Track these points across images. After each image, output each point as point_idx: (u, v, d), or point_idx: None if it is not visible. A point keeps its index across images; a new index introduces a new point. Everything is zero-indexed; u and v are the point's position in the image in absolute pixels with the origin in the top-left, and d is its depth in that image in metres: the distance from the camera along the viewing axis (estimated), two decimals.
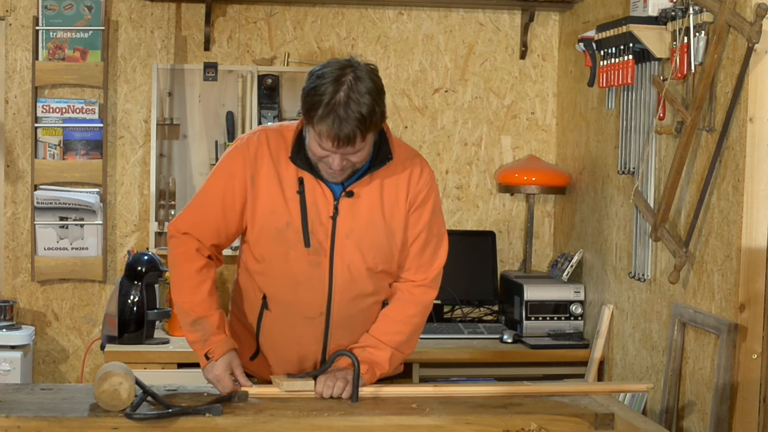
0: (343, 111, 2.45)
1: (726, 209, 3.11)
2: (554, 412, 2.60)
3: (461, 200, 4.68)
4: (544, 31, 4.68)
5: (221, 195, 2.66)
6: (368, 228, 2.67)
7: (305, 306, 2.71)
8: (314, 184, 2.64)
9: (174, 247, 2.71)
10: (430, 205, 2.74)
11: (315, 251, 2.65)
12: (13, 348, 4.19)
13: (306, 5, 4.54)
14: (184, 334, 2.73)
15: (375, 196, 2.67)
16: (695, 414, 3.27)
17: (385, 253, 2.70)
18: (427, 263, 2.77)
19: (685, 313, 3.32)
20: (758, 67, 2.99)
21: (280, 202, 2.64)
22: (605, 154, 4.08)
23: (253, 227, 2.67)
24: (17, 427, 2.39)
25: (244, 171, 2.64)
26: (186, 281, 2.69)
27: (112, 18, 4.47)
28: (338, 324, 2.73)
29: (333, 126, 2.45)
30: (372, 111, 2.48)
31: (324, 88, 2.47)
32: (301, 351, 2.77)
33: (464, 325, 4.37)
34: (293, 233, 2.64)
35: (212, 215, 2.67)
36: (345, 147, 2.49)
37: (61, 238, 4.42)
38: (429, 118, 4.66)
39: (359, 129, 2.47)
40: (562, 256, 4.45)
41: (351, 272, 2.68)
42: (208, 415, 2.47)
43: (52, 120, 4.41)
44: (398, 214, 2.70)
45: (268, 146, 2.65)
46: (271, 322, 2.76)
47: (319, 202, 2.64)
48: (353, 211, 2.66)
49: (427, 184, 2.74)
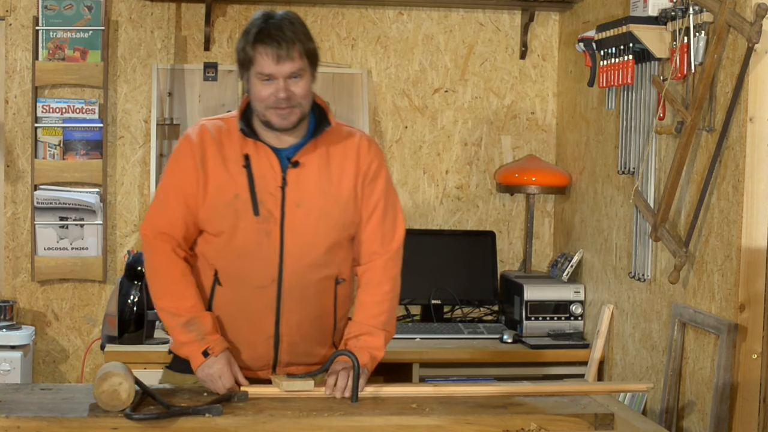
0: (277, 26, 2.64)
1: (726, 209, 3.11)
2: (554, 412, 2.60)
3: (461, 200, 4.68)
4: (544, 31, 4.68)
5: (180, 187, 2.74)
6: (318, 197, 2.74)
7: (256, 275, 2.74)
8: (261, 158, 2.73)
9: (152, 253, 2.77)
10: (383, 175, 2.83)
11: (265, 220, 2.71)
12: (13, 348, 4.19)
13: (306, 5, 4.54)
14: (173, 335, 2.75)
15: (322, 165, 2.75)
16: (695, 414, 3.27)
17: (336, 221, 2.76)
18: (390, 232, 2.84)
19: (685, 313, 3.32)
20: (758, 67, 2.99)
21: (226, 177, 2.72)
22: (605, 154, 4.08)
23: (204, 206, 2.74)
24: (17, 427, 2.40)
25: (193, 159, 2.73)
26: (171, 285, 2.75)
27: (112, 18, 4.47)
28: (290, 293, 2.75)
29: (272, 38, 2.62)
30: (306, 34, 2.68)
31: (254, 21, 2.68)
32: (254, 323, 2.78)
33: (464, 325, 4.37)
34: (242, 203, 2.71)
35: (178, 209, 2.75)
36: (285, 62, 2.61)
37: (61, 238, 4.42)
38: (429, 118, 4.66)
39: (296, 44, 2.63)
40: (562, 256, 4.45)
41: (302, 240, 2.73)
42: (208, 415, 2.47)
43: (52, 120, 4.41)
44: (347, 183, 2.77)
45: (210, 132, 2.76)
46: (223, 297, 2.78)
47: (266, 174, 2.72)
48: (302, 181, 2.73)
49: (378, 154, 2.84)
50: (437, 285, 4.44)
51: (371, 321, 2.80)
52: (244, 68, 2.69)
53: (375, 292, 2.82)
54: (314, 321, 2.82)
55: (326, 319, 2.85)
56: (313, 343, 2.84)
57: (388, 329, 2.83)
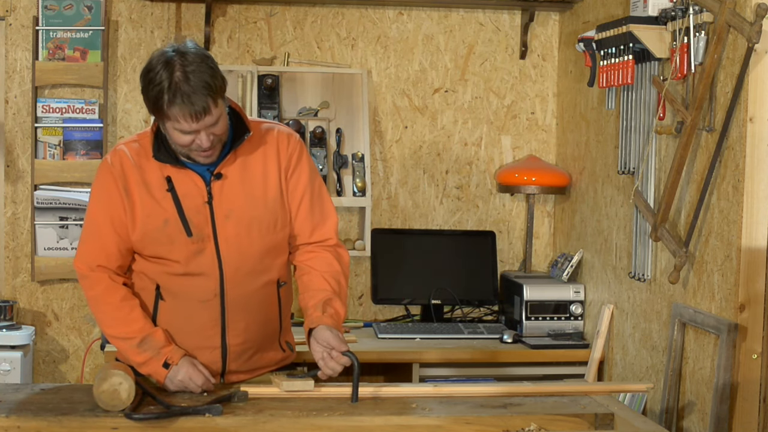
0: (187, 86, 2.52)
1: (726, 209, 3.11)
2: (554, 412, 2.60)
3: (461, 200, 4.68)
4: (544, 31, 4.68)
5: (108, 217, 2.73)
6: (246, 204, 2.73)
7: (198, 291, 2.74)
8: (182, 177, 2.71)
9: (90, 287, 2.76)
10: (304, 164, 2.81)
11: (198, 238, 2.71)
12: (13, 348, 4.20)
13: (306, 5, 4.54)
14: (129, 357, 2.73)
15: (245, 171, 2.74)
16: (695, 414, 3.27)
17: (268, 224, 2.76)
18: (320, 221, 2.83)
19: (685, 313, 3.32)
20: (758, 67, 2.99)
21: (153, 203, 2.70)
22: (605, 154, 4.08)
23: (135, 233, 2.72)
24: (17, 427, 2.40)
25: (117, 186, 2.71)
26: (116, 312, 2.74)
27: (112, 18, 4.47)
28: (233, 303, 2.76)
29: (184, 103, 2.52)
30: (212, 75, 2.56)
31: (158, 77, 2.55)
32: (200, 335, 2.79)
33: (464, 325, 4.37)
34: (173, 227, 2.70)
35: (109, 239, 2.73)
36: (203, 118, 2.55)
37: (61, 238, 4.42)
38: (429, 118, 4.66)
39: (209, 96, 2.54)
40: (562, 256, 4.45)
41: (238, 251, 2.73)
42: (208, 415, 2.47)
43: (52, 120, 4.41)
44: (272, 182, 2.76)
45: (129, 157, 2.73)
46: (167, 311, 2.78)
47: (191, 192, 2.71)
48: (226, 192, 2.72)
49: (297, 146, 2.81)
50: (437, 285, 4.44)
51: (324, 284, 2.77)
52: (156, 117, 2.63)
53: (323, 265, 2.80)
54: (260, 327, 2.84)
55: (272, 323, 2.88)
56: (260, 349, 2.86)
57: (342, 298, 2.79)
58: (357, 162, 4.42)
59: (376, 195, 4.61)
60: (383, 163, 4.62)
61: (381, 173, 4.62)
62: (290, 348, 2.99)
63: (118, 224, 2.72)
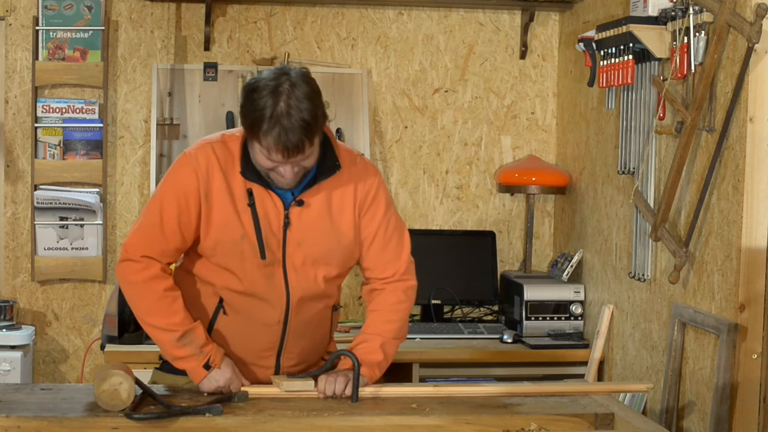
0: (287, 121, 2.43)
1: (726, 209, 3.11)
2: (554, 412, 2.60)
3: (461, 200, 4.68)
4: (544, 31, 4.68)
5: (176, 214, 2.64)
6: (318, 236, 2.67)
7: (263, 315, 2.71)
8: (264, 195, 2.63)
9: (136, 272, 2.67)
10: (381, 202, 2.76)
11: (270, 262, 2.65)
12: (13, 348, 4.20)
13: (306, 5, 4.54)
14: (167, 350, 2.68)
15: (323, 202, 2.67)
16: (695, 414, 3.27)
17: (337, 258, 2.72)
18: (394, 258, 2.80)
19: (685, 313, 3.32)
20: (758, 67, 2.99)
21: (233, 215, 2.63)
22: (605, 154, 4.08)
23: (208, 240, 2.65)
24: (17, 427, 2.39)
25: (198, 187, 2.62)
26: (160, 301, 2.66)
27: (112, 18, 4.47)
28: (294, 330, 2.74)
29: (280, 138, 2.44)
30: (314, 115, 2.47)
31: (263, 101, 2.45)
32: (256, 356, 2.78)
33: (464, 325, 4.37)
34: (248, 245, 2.63)
35: (171, 237, 2.65)
36: (295, 156, 2.48)
37: (61, 238, 4.42)
38: (429, 118, 4.66)
39: (306, 136, 2.45)
40: (562, 256, 4.45)
41: (306, 279, 2.69)
42: (208, 415, 2.47)
43: (52, 120, 4.41)
44: (346, 217, 2.71)
45: (217, 160, 2.63)
46: (227, 326, 2.75)
47: (270, 212, 2.64)
48: (304, 220, 2.66)
49: (374, 183, 2.75)
50: (437, 285, 4.44)
51: (370, 329, 2.78)
52: (248, 136, 2.54)
53: (383, 302, 2.81)
54: (313, 349, 2.85)
55: (323, 344, 2.89)
56: (308, 366, 2.86)
57: (397, 336, 2.80)
58: None
59: None
60: (383, 163, 4.62)
61: (381, 173, 4.62)
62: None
63: (185, 225, 2.64)
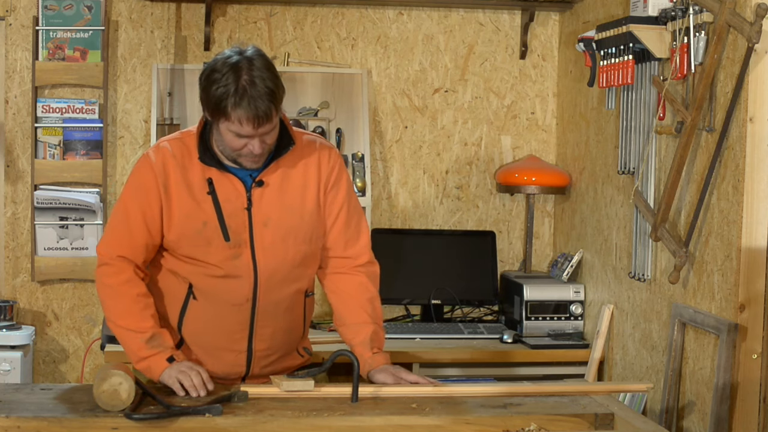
0: (254, 90, 2.56)
1: (726, 209, 3.11)
2: (554, 412, 2.60)
3: (461, 200, 4.68)
4: (544, 31, 4.68)
5: (141, 212, 2.74)
6: (284, 213, 2.76)
7: (232, 294, 2.77)
8: (224, 181, 2.73)
9: (110, 276, 2.76)
10: (344, 182, 2.86)
11: (235, 244, 2.73)
12: (13, 348, 4.20)
13: (306, 5, 4.54)
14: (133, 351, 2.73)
15: (286, 181, 2.76)
16: (695, 414, 3.27)
17: (305, 235, 2.80)
18: (354, 237, 2.89)
19: (685, 313, 3.32)
20: (758, 67, 2.99)
21: (193, 205, 2.72)
22: (605, 154, 4.08)
23: (171, 233, 2.75)
24: (17, 427, 2.40)
25: (156, 183, 2.72)
26: (132, 305, 2.74)
27: (112, 18, 4.47)
28: (264, 309, 2.79)
29: (250, 107, 2.55)
30: (277, 84, 2.61)
31: (225, 79, 2.57)
32: (228, 338, 2.82)
33: (464, 325, 4.37)
34: (212, 230, 2.72)
35: (138, 233, 2.75)
36: (264, 125, 2.58)
37: (61, 238, 4.42)
38: (429, 118, 4.66)
39: (272, 103, 2.58)
40: (562, 256, 4.45)
41: (274, 259, 2.76)
42: (208, 415, 2.47)
43: (52, 120, 4.41)
44: (311, 195, 2.79)
45: (173, 155, 2.74)
46: (197, 310, 2.80)
47: (231, 196, 2.73)
48: (266, 200, 2.74)
49: (337, 161, 2.86)
50: (437, 285, 4.44)
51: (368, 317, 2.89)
52: (215, 117, 2.63)
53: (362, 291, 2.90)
54: (285, 334, 2.88)
55: (296, 331, 2.93)
56: (282, 354, 2.90)
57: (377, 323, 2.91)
58: (357, 162, 4.42)
59: (376, 195, 4.61)
60: (383, 163, 4.62)
61: (381, 173, 4.62)
62: (308, 353, 3.05)
63: (150, 221, 2.73)
